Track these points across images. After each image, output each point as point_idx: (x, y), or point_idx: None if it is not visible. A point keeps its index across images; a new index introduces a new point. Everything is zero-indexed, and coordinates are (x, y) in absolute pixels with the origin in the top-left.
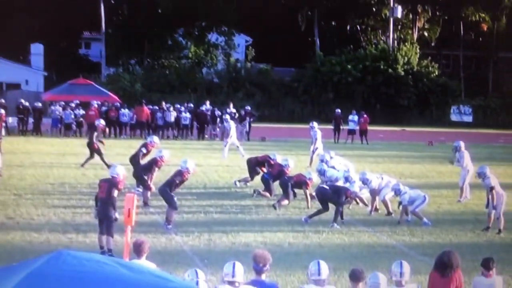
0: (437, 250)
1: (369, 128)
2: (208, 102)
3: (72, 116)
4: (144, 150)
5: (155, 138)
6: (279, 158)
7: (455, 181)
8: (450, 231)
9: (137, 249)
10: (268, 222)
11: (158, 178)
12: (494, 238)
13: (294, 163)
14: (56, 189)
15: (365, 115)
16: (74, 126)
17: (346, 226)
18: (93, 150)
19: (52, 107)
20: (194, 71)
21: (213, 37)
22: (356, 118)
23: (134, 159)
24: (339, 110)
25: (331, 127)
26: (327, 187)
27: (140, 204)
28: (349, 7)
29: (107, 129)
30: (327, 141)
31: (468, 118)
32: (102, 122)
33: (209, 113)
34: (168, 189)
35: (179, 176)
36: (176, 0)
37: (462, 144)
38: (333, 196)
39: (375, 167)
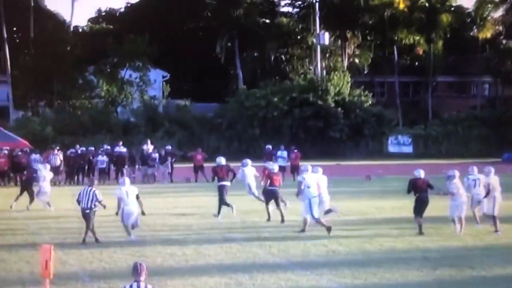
0: None
1: (301, 163)
2: (121, 143)
3: None
4: None
5: None
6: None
7: (396, 217)
8: (395, 270)
9: None
10: (198, 269)
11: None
12: (444, 276)
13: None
14: None
15: (295, 150)
16: None
17: (282, 270)
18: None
19: None
20: (108, 111)
21: (126, 73)
22: (285, 153)
23: None
24: (270, 146)
25: (261, 164)
26: None
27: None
28: (271, 35)
29: (17, 177)
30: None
31: (408, 149)
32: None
33: (126, 154)
34: None
35: None
36: (84, 36)
37: (457, 173)
38: None
39: None
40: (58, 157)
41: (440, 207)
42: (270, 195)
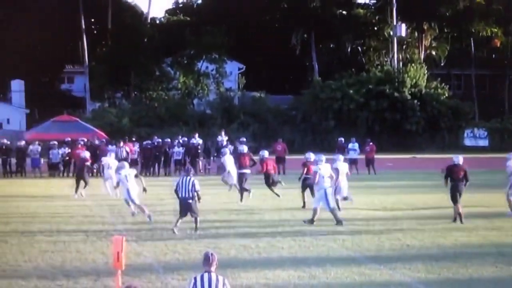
0: (456, 286)
1: (376, 156)
2: (197, 135)
3: (59, 156)
4: None
5: None
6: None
7: (472, 211)
8: (470, 265)
9: None
10: (271, 262)
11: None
12: None
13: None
14: (43, 233)
15: (371, 143)
16: (61, 166)
17: (356, 264)
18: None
19: (31, 147)
20: (184, 103)
21: (203, 65)
22: (356, 146)
23: None
24: (342, 139)
25: (333, 157)
26: None
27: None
28: (348, 27)
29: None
30: None
31: (484, 142)
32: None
33: (200, 146)
34: None
35: None
36: (162, 28)
37: None
38: None
39: (385, 198)
40: (124, 150)
41: None
42: (304, 183)
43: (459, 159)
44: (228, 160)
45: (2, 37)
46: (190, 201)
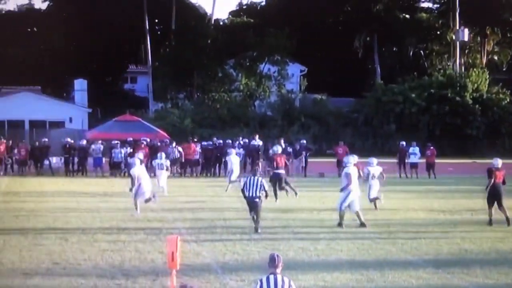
0: None
1: (437, 161)
2: (257, 137)
3: (121, 155)
4: None
5: None
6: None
7: None
8: None
9: None
10: (329, 264)
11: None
12: None
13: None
14: (103, 232)
15: (431, 147)
16: (123, 165)
17: (413, 268)
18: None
19: (93, 146)
20: (246, 104)
21: (265, 67)
22: (417, 150)
23: None
24: (404, 143)
25: (395, 160)
26: None
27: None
28: (411, 30)
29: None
30: (390, 175)
31: None
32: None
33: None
34: None
35: None
36: (225, 29)
37: None
38: None
39: (445, 203)
40: (176, 150)
41: None
42: None
43: (498, 162)
44: (234, 159)
45: (66, 37)
46: (257, 200)
